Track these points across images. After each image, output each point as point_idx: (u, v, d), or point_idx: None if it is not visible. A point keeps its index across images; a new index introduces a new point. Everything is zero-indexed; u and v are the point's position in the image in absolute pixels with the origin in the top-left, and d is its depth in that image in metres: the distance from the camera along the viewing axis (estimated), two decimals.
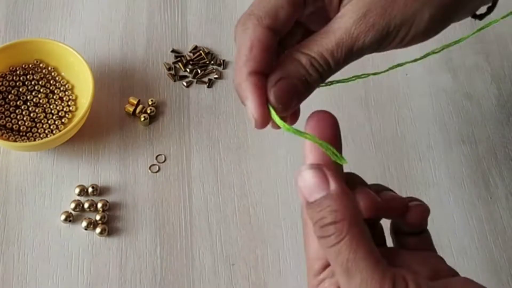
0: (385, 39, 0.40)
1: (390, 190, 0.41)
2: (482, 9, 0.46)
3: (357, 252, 0.34)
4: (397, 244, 0.42)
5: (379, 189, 0.41)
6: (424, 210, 0.40)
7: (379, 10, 0.39)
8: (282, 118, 0.39)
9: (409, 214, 0.40)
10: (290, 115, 0.43)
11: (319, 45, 0.40)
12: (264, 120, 0.39)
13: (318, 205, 0.35)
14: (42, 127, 0.66)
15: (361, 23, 0.39)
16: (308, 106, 0.73)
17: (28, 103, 0.67)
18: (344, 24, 0.40)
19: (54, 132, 0.66)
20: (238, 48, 0.40)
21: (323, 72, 0.40)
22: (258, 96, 0.39)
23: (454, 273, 0.38)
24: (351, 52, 0.40)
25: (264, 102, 0.39)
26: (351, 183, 0.39)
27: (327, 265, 0.37)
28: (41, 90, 0.68)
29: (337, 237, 0.34)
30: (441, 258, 0.40)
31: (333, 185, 0.35)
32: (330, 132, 0.39)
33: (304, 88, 0.40)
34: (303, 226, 0.39)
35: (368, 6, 0.39)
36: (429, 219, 0.64)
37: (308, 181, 0.36)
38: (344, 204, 0.35)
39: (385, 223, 0.42)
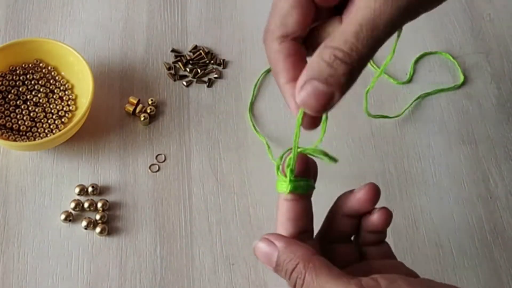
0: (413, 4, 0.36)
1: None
2: None
3: (319, 277, 0.39)
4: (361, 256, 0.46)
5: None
6: (388, 213, 0.44)
7: None
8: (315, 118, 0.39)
9: (375, 216, 0.44)
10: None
11: (343, 32, 0.36)
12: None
13: (278, 265, 0.41)
14: (42, 126, 0.66)
15: None
16: None
17: (28, 103, 0.67)
18: (364, 2, 0.36)
19: (54, 131, 0.66)
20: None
21: (352, 61, 0.36)
22: (291, 101, 0.39)
23: (414, 275, 0.43)
24: (378, 28, 0.36)
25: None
26: None
27: None
28: (41, 89, 0.68)
29: (300, 279, 0.39)
30: (402, 263, 0.45)
31: (277, 243, 0.41)
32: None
33: (333, 87, 0.36)
34: None
35: None
36: (429, 218, 0.64)
37: (262, 250, 0.42)
38: (292, 250, 0.40)
39: None
